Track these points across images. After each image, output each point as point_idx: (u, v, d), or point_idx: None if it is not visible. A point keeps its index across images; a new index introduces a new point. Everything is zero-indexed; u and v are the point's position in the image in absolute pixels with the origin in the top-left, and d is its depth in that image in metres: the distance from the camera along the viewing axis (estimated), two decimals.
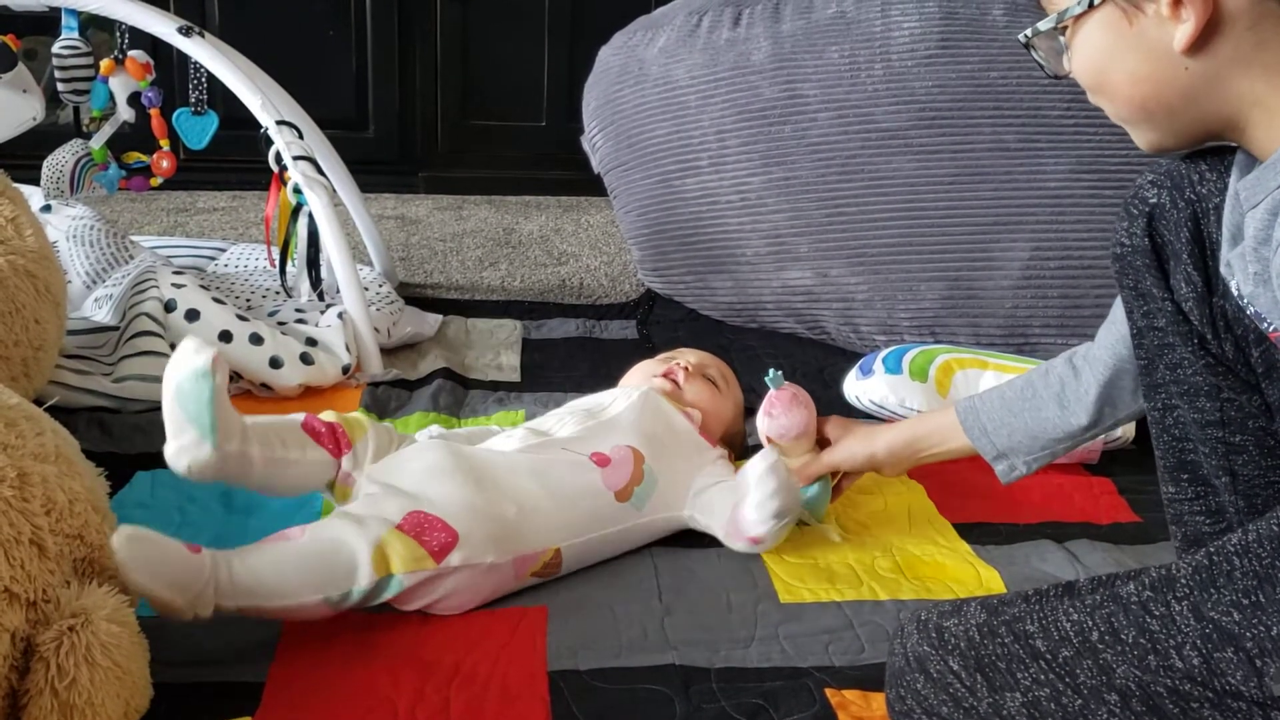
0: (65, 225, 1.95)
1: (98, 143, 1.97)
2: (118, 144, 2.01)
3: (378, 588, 1.04)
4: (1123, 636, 0.78)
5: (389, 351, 1.83)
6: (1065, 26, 0.91)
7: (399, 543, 1.04)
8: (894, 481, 1.42)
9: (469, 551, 1.07)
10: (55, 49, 1.88)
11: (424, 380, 1.73)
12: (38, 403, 1.17)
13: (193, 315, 1.63)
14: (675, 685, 1.00)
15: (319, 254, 1.78)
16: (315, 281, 1.81)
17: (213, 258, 2.13)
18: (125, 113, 1.95)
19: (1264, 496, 1.00)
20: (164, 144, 1.99)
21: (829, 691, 1.00)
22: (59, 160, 1.95)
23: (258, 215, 2.71)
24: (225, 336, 1.62)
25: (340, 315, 1.73)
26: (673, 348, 1.51)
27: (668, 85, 2.00)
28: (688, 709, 0.97)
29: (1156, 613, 0.77)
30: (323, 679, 0.99)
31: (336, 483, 1.17)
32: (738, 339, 1.97)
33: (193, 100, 1.96)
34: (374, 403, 1.62)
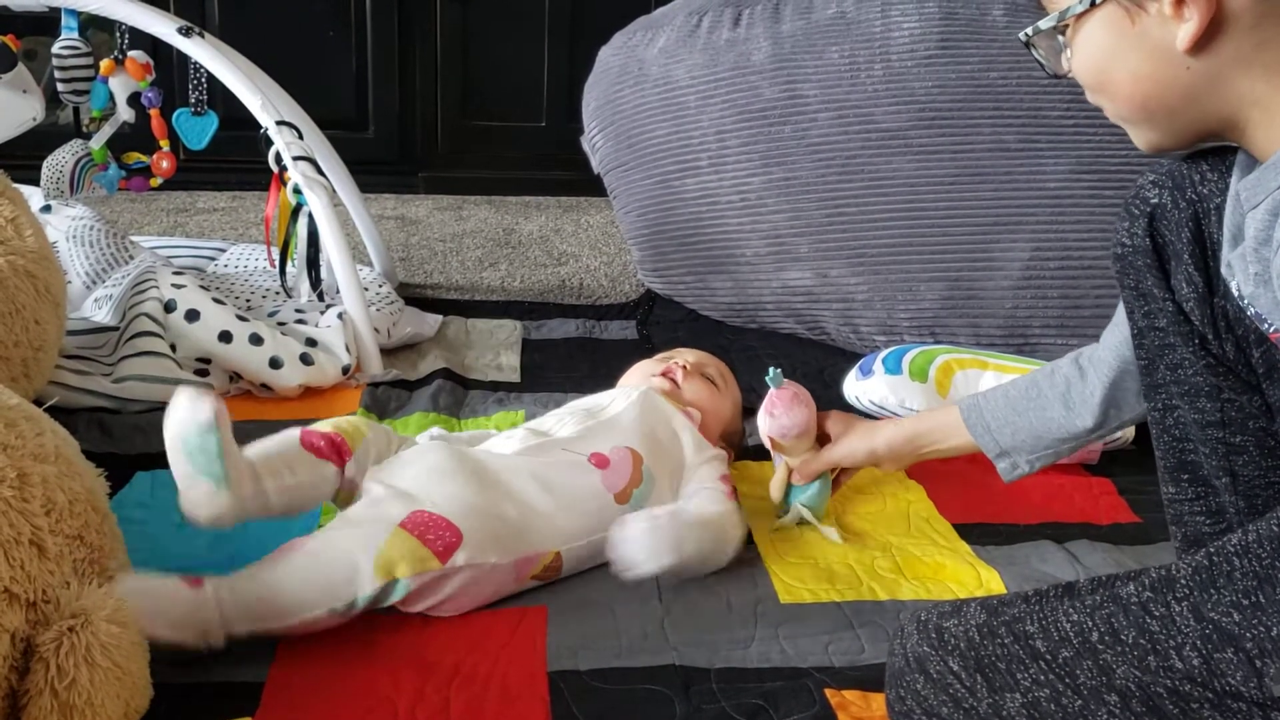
0: (65, 225, 1.95)
1: (98, 143, 1.97)
2: (118, 144, 2.01)
3: (383, 592, 1.04)
4: (1123, 637, 0.78)
5: (389, 352, 1.83)
6: (1066, 25, 0.91)
7: (403, 542, 1.04)
8: (894, 482, 1.42)
9: (473, 551, 1.07)
10: (55, 49, 1.88)
11: (424, 380, 1.73)
12: (38, 403, 1.17)
13: (193, 315, 1.62)
14: (675, 686, 1.00)
15: (319, 254, 1.78)
16: (315, 282, 1.81)
17: (213, 258, 2.13)
18: (125, 113, 1.95)
19: (1264, 497, 1.00)
20: (164, 144, 1.99)
21: (829, 692, 1.00)
22: (59, 160, 1.95)
23: (258, 215, 2.71)
24: (225, 337, 1.62)
25: (340, 315, 1.73)
26: (672, 348, 1.51)
27: (668, 85, 2.00)
28: (688, 709, 0.97)
29: (1156, 613, 0.77)
30: (323, 679, 0.99)
31: (341, 490, 1.17)
32: (738, 339, 1.97)
33: (193, 100, 1.96)
34: (374, 403, 1.62)
